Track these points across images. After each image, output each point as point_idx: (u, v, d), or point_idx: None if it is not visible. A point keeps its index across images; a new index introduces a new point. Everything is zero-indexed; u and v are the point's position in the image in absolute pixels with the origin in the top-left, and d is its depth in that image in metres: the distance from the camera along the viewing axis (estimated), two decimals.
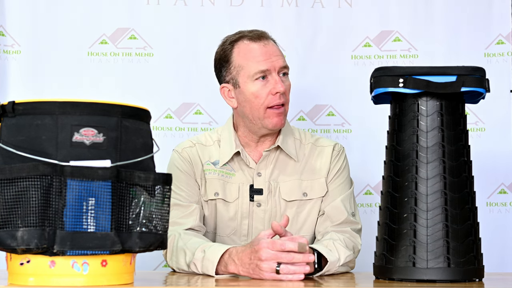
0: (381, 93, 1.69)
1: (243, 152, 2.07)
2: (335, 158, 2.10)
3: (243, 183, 2.06)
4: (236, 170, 2.07)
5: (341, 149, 2.14)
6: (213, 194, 2.06)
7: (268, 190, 2.06)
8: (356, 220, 2.05)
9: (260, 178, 2.06)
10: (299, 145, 2.11)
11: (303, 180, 2.07)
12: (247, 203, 2.06)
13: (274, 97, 1.99)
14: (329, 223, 2.03)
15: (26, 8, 2.63)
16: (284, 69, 2.02)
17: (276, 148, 2.08)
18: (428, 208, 1.61)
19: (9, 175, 1.33)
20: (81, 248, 1.35)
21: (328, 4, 2.69)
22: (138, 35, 2.66)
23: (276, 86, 1.98)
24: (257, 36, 2.03)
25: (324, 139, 2.16)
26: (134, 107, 1.45)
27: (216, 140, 2.11)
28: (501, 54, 2.65)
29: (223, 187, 2.06)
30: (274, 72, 2.00)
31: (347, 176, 2.12)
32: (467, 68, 1.64)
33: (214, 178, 2.07)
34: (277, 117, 2.00)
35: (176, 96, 2.66)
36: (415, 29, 2.68)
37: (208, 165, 2.08)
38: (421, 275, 1.59)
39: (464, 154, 1.66)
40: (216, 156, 2.09)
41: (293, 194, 2.06)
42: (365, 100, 2.06)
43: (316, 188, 2.07)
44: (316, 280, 1.72)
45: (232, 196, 2.06)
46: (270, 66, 1.99)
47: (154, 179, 1.43)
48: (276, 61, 2.00)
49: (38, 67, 2.62)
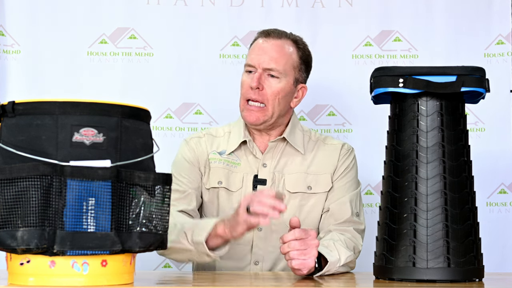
0: (381, 93, 1.69)
1: (250, 142, 2.10)
2: (343, 157, 2.12)
3: (248, 173, 2.08)
4: (242, 160, 2.10)
5: (350, 149, 2.16)
6: (216, 183, 2.08)
7: (272, 181, 2.07)
8: (359, 221, 2.05)
9: (265, 169, 2.09)
10: (308, 140, 2.14)
11: (308, 174, 2.09)
12: (249, 193, 2.06)
13: (250, 90, 2.04)
14: (332, 221, 2.03)
15: (26, 8, 2.63)
16: (268, 71, 2.04)
17: (282, 140, 2.10)
18: (428, 208, 1.61)
19: (9, 175, 1.33)
20: (81, 248, 1.35)
21: (328, 4, 2.69)
22: (138, 34, 2.66)
23: (251, 81, 2.04)
24: (267, 33, 2.09)
25: (333, 139, 2.19)
26: (134, 107, 1.45)
27: (227, 132, 2.16)
28: (501, 54, 2.65)
29: (227, 176, 2.08)
30: (259, 69, 2.04)
31: (354, 176, 2.13)
32: (467, 68, 1.64)
33: (219, 167, 2.09)
34: (248, 112, 2.05)
35: (176, 96, 2.66)
36: (415, 29, 2.68)
37: (214, 154, 2.11)
38: (421, 275, 1.59)
39: (464, 154, 1.66)
40: (224, 146, 2.12)
41: (297, 186, 2.07)
42: (366, 99, 2.06)
43: (321, 182, 2.08)
44: (316, 280, 1.72)
45: (236, 185, 2.08)
46: (255, 63, 2.05)
47: (154, 179, 1.43)
48: (263, 60, 2.04)
49: (38, 67, 2.62)
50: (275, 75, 2.04)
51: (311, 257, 1.71)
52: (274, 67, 2.04)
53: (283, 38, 2.08)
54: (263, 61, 2.04)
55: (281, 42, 2.07)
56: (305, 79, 2.14)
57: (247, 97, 2.05)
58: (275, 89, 2.04)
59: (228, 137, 2.14)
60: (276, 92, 2.04)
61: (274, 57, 2.04)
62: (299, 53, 2.09)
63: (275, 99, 2.04)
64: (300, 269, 1.71)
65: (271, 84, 2.04)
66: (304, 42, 2.13)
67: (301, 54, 2.10)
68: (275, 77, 2.04)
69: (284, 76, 2.05)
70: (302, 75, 2.11)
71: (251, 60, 2.06)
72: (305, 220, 2.06)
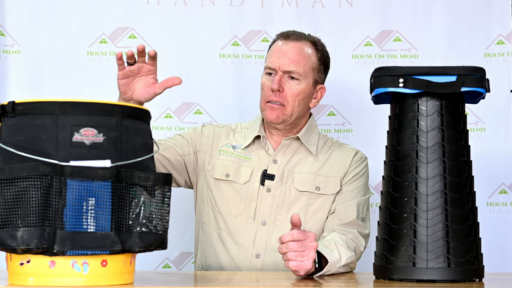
0: (381, 93, 1.69)
1: (263, 138, 2.13)
2: (355, 163, 2.13)
3: (258, 168, 2.11)
4: (253, 155, 2.13)
5: (363, 157, 2.17)
6: (224, 175, 2.11)
7: (280, 177, 2.09)
8: (364, 225, 2.06)
9: (275, 165, 2.11)
10: (322, 144, 2.17)
11: (318, 175, 2.10)
12: (256, 187, 2.09)
13: (271, 93, 2.07)
14: (337, 221, 2.04)
15: (26, 8, 2.63)
16: (288, 73, 2.07)
17: (296, 139, 2.13)
18: (428, 208, 1.61)
19: (9, 175, 1.33)
20: (81, 248, 1.35)
21: (328, 4, 2.69)
22: (138, 34, 2.66)
23: (272, 83, 2.07)
24: (286, 35, 2.12)
25: (349, 146, 2.21)
26: (134, 107, 1.45)
27: (244, 127, 2.21)
28: (501, 54, 2.65)
29: (236, 169, 2.11)
30: (279, 72, 2.07)
31: (364, 183, 2.14)
32: (467, 68, 1.64)
33: (229, 160, 2.13)
34: (270, 110, 2.08)
35: (176, 95, 2.65)
36: (415, 29, 2.68)
37: (227, 147, 2.15)
38: (421, 275, 1.59)
39: (464, 154, 1.66)
40: (240, 141, 2.16)
41: (306, 185, 2.09)
42: (366, 99, 2.06)
43: (330, 185, 2.09)
44: (316, 280, 1.72)
45: (243, 179, 2.10)
46: (275, 66, 2.08)
47: (154, 179, 1.43)
48: (283, 63, 2.07)
49: (38, 67, 2.62)
50: (295, 77, 2.08)
51: (309, 259, 1.71)
52: (294, 69, 2.07)
53: (302, 40, 2.11)
54: (283, 63, 2.07)
55: (301, 44, 2.10)
56: (324, 79, 2.17)
57: (268, 99, 2.09)
58: (296, 91, 2.07)
59: (245, 132, 2.18)
60: (296, 93, 2.08)
61: (294, 60, 2.07)
62: (318, 54, 2.12)
63: (295, 100, 2.08)
64: (297, 271, 1.72)
65: (292, 86, 2.08)
66: (322, 43, 2.16)
67: (320, 56, 2.13)
68: (296, 79, 2.08)
69: (304, 78, 2.08)
70: (321, 76, 2.15)
71: (271, 63, 2.09)
72: (311, 220, 2.07)
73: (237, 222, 2.09)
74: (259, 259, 2.06)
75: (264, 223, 2.07)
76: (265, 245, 2.06)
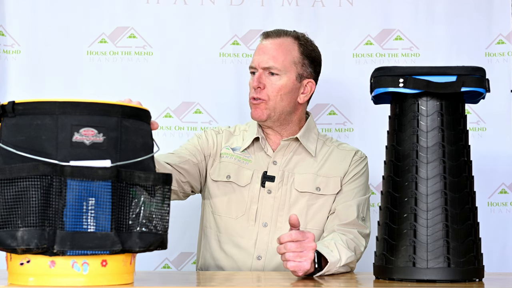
0: (381, 93, 1.69)
1: (262, 139, 2.13)
2: (355, 163, 2.13)
3: (258, 169, 2.11)
4: (253, 157, 2.13)
5: (363, 156, 2.17)
6: (225, 177, 2.12)
7: (280, 178, 2.09)
8: (365, 225, 2.06)
9: (274, 166, 2.11)
10: (322, 145, 2.16)
11: (318, 175, 2.10)
12: (257, 189, 2.09)
13: (254, 91, 2.10)
14: (337, 221, 2.04)
15: (26, 8, 2.62)
16: (267, 69, 2.09)
17: (295, 140, 2.13)
18: (428, 208, 1.61)
19: (9, 175, 1.33)
20: (81, 248, 1.35)
21: (328, 3, 2.69)
22: (138, 34, 2.66)
23: (253, 81, 2.10)
24: (267, 34, 2.14)
25: (348, 145, 2.20)
26: (134, 107, 1.45)
27: (243, 130, 2.21)
28: (502, 54, 2.65)
29: (236, 171, 2.11)
30: (259, 69, 2.09)
31: (364, 182, 2.13)
32: (467, 68, 1.64)
33: (230, 162, 2.13)
34: (254, 108, 2.11)
35: (176, 95, 2.66)
36: (416, 28, 2.68)
37: (227, 149, 2.16)
38: (421, 275, 1.59)
39: (464, 154, 1.66)
40: (239, 143, 2.17)
41: (306, 186, 2.09)
42: (367, 99, 2.06)
43: (330, 185, 2.09)
44: (316, 280, 1.72)
45: (244, 181, 2.10)
46: (255, 64, 2.11)
47: (154, 179, 1.43)
48: (262, 60, 2.09)
49: (38, 67, 2.62)
50: (275, 72, 2.08)
51: (307, 259, 1.71)
52: (272, 65, 2.08)
53: (282, 36, 2.12)
54: (262, 60, 2.09)
55: (280, 40, 2.11)
56: (312, 74, 2.15)
57: (251, 96, 2.11)
58: (276, 86, 2.08)
59: (243, 135, 2.19)
60: (277, 89, 2.08)
61: (273, 55, 2.08)
62: (300, 48, 2.12)
63: (277, 96, 2.08)
64: (295, 271, 1.72)
65: (272, 82, 2.08)
66: (306, 37, 2.16)
67: (303, 50, 2.12)
68: (276, 74, 2.08)
69: (284, 72, 2.08)
70: (307, 70, 2.13)
71: (252, 62, 2.12)
72: (312, 221, 2.07)
73: (238, 225, 2.08)
74: (260, 261, 2.06)
75: (265, 225, 2.07)
76: (267, 247, 2.06)
